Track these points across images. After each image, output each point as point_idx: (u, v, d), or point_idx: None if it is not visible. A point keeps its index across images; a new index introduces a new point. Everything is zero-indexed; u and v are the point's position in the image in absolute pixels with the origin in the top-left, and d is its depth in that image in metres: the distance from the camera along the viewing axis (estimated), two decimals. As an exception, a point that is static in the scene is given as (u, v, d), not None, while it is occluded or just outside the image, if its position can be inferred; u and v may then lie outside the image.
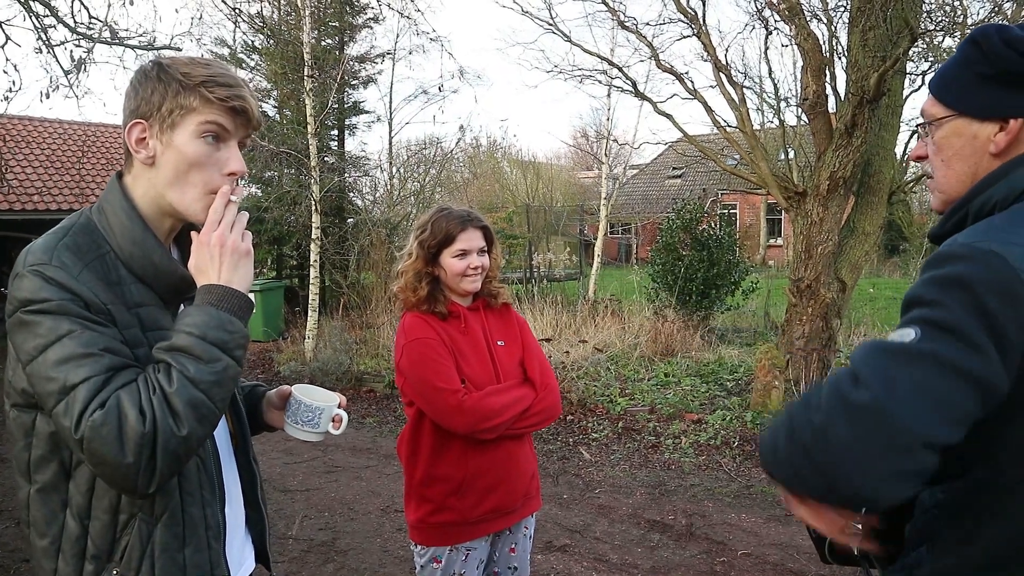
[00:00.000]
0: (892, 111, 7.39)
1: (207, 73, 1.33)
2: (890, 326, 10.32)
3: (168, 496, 1.30)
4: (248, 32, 14.27)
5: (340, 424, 1.63)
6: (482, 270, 2.39)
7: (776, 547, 4.39)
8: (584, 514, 4.98)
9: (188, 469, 1.32)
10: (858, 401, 1.05)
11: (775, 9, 7.53)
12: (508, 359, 2.41)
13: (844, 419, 1.05)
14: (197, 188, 1.34)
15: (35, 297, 1.20)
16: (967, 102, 1.24)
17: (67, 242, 1.28)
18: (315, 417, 1.59)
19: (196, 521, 1.34)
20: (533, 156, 32.41)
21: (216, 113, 1.33)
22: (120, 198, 1.35)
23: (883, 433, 1.03)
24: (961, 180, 1.26)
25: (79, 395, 1.16)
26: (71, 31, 6.25)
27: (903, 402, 1.03)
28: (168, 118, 1.32)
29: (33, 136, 15.39)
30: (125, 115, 1.36)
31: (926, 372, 1.04)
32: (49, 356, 1.19)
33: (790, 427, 1.13)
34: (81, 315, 1.21)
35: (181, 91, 1.32)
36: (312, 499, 5.37)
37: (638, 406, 7.26)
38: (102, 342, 1.21)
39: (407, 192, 16.55)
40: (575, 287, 15.50)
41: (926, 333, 1.07)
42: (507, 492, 2.35)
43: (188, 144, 1.33)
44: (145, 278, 1.33)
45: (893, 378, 1.05)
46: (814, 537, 1.35)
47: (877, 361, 1.08)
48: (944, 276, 1.09)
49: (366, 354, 9.99)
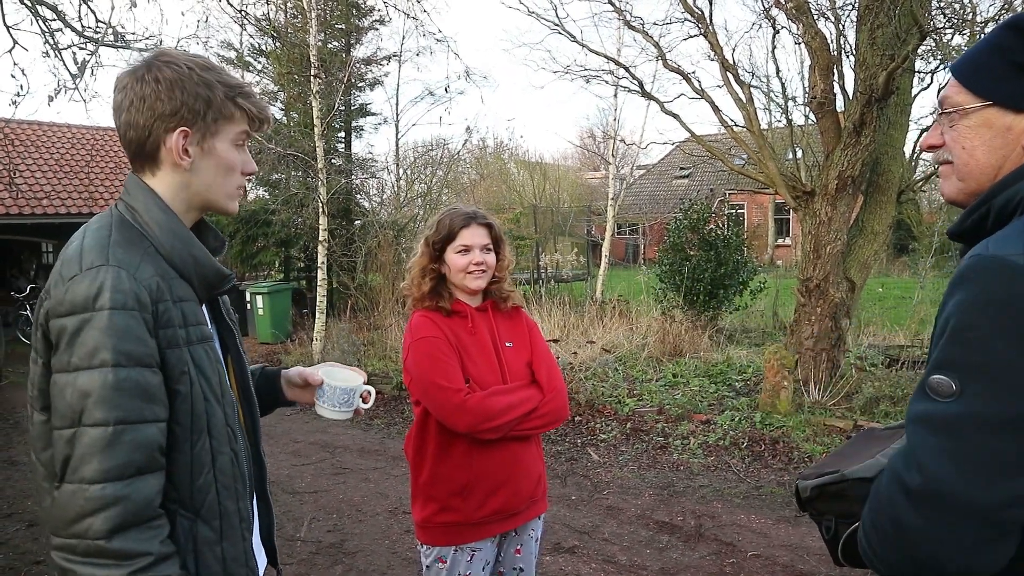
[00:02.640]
0: (901, 109, 7.34)
1: (236, 83, 1.40)
2: (899, 326, 10.26)
3: (206, 490, 1.32)
4: (255, 35, 14.32)
5: (370, 398, 1.79)
6: (487, 268, 2.38)
7: (786, 548, 4.36)
8: (592, 515, 4.96)
9: (223, 463, 1.35)
10: (914, 486, 1.03)
11: (782, 8, 7.49)
12: (516, 360, 2.40)
13: (909, 507, 1.03)
14: (230, 187, 1.44)
15: (88, 302, 1.21)
16: (1002, 91, 1.16)
17: (116, 238, 1.30)
18: (350, 398, 1.73)
19: (231, 514, 1.37)
20: (540, 157, 32.43)
21: (247, 123, 1.42)
22: (153, 196, 1.37)
23: (949, 513, 1.01)
24: (985, 172, 1.19)
25: (92, 492, 1.18)
26: (78, 35, 6.27)
27: (958, 476, 1.00)
28: (212, 126, 1.37)
29: (42, 140, 15.47)
30: (148, 115, 1.33)
31: (972, 437, 1.00)
32: (82, 381, 1.20)
33: (874, 520, 1.11)
34: (133, 336, 1.22)
35: (225, 101, 1.37)
36: (320, 501, 5.37)
37: (646, 407, 7.24)
38: (138, 394, 1.22)
39: (414, 194, 16.59)
40: (582, 288, 15.49)
41: (966, 385, 1.02)
42: (512, 494, 2.33)
43: (228, 152, 1.40)
44: (184, 272, 1.36)
45: (943, 451, 1.02)
46: (826, 539, 1.34)
47: (924, 438, 1.05)
48: (980, 300, 1.04)
49: (374, 356, 10.00)
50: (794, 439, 6.13)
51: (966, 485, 1.00)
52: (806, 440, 6.09)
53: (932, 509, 1.02)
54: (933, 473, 1.02)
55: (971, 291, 1.05)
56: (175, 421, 1.29)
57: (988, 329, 1.02)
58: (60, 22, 6.30)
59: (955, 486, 1.00)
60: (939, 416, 1.04)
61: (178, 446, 1.29)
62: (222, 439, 1.35)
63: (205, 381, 1.33)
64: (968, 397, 1.02)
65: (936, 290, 11.99)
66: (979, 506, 0.99)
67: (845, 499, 1.29)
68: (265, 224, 13.91)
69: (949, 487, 1.00)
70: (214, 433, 1.34)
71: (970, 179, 1.21)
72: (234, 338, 1.54)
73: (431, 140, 27.80)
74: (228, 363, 1.51)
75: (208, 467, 1.33)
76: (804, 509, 1.40)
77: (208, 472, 1.32)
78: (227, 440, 1.37)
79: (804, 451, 5.91)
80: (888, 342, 9.38)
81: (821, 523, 1.36)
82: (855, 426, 6.21)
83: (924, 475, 1.02)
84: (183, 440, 1.30)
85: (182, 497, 1.30)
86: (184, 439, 1.30)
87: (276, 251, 15.43)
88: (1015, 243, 1.05)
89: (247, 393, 1.55)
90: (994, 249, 1.06)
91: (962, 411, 1.02)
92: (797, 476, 1.70)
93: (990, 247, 1.07)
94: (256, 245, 14.97)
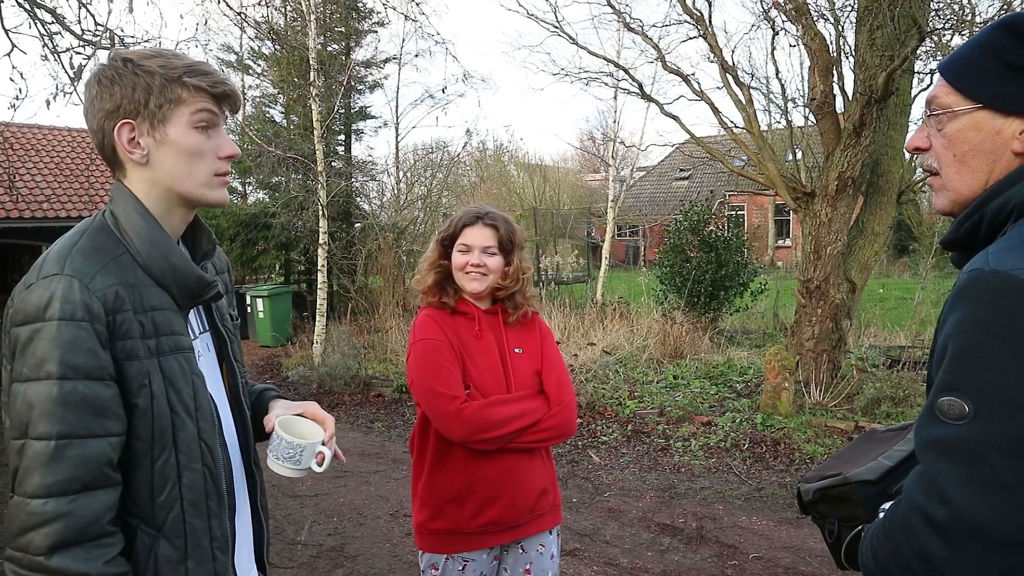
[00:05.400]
0: (900, 110, 7.34)
1: (184, 63, 1.32)
2: (900, 327, 10.26)
3: (168, 507, 1.28)
4: (254, 38, 14.33)
5: (323, 461, 1.55)
6: (486, 271, 2.28)
7: (788, 550, 4.35)
8: (594, 518, 4.95)
9: (192, 479, 1.30)
10: (941, 518, 1.00)
11: (781, 9, 7.50)
12: (524, 368, 2.30)
13: (937, 540, 1.00)
14: (201, 174, 1.35)
15: (39, 312, 1.19)
16: (993, 93, 1.12)
17: (82, 245, 1.27)
18: (296, 454, 1.51)
19: (199, 533, 1.31)
20: (540, 159, 32.35)
21: (205, 100, 1.33)
22: (132, 200, 1.33)
23: (979, 543, 0.98)
24: (976, 179, 1.15)
25: (34, 506, 1.16)
26: (77, 38, 6.27)
27: (985, 504, 0.97)
28: (158, 113, 1.30)
29: (42, 144, 15.46)
30: (99, 117, 1.31)
31: (991, 462, 0.98)
32: (30, 392, 1.17)
33: (894, 553, 1.07)
34: (82, 348, 1.18)
35: (166, 84, 1.30)
36: (321, 504, 5.36)
37: (647, 409, 7.23)
38: (85, 408, 1.18)
39: (414, 196, 16.57)
40: (583, 290, 15.48)
41: (980, 405, 1.00)
42: (508, 506, 2.23)
43: (184, 136, 1.32)
44: (162, 280, 1.31)
45: (966, 479, 0.99)
46: (829, 542, 1.33)
47: (943, 465, 1.02)
48: (983, 318, 1.01)
49: (374, 358, 10.00)
50: (795, 440, 6.12)
51: (994, 513, 0.97)
52: (807, 441, 6.08)
53: (962, 540, 0.99)
54: (960, 504, 0.99)
55: (974, 308, 1.03)
56: (134, 435, 1.24)
57: (995, 347, 0.99)
58: (59, 25, 6.29)
59: (984, 515, 0.97)
60: (955, 440, 1.01)
61: (138, 461, 1.25)
62: (192, 455, 1.30)
63: (175, 394, 1.28)
64: (983, 419, 0.99)
65: (937, 290, 11.99)
66: (1004, 531, 0.97)
67: (848, 502, 1.29)
68: (265, 227, 13.93)
69: (979, 517, 0.97)
70: (181, 448, 1.28)
71: (961, 188, 1.18)
72: (227, 347, 1.50)
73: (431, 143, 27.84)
74: (223, 372, 1.48)
75: (173, 483, 1.27)
76: (806, 512, 1.39)
77: (172, 488, 1.27)
78: (199, 456, 1.31)
79: (805, 452, 5.90)
80: (889, 343, 9.38)
81: (824, 526, 1.35)
82: (856, 427, 6.21)
83: (950, 506, 0.99)
84: (143, 455, 1.25)
85: (143, 512, 1.26)
86: (144, 454, 1.25)
87: (276, 254, 15.44)
88: (1016, 257, 1.03)
89: (239, 404, 1.51)
90: (994, 263, 1.03)
91: (980, 434, 0.99)
92: (799, 479, 1.70)
93: (990, 261, 1.04)
94: (256, 248, 14.97)
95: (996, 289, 1.01)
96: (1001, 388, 0.99)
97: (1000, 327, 1.00)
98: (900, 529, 1.06)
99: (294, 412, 1.60)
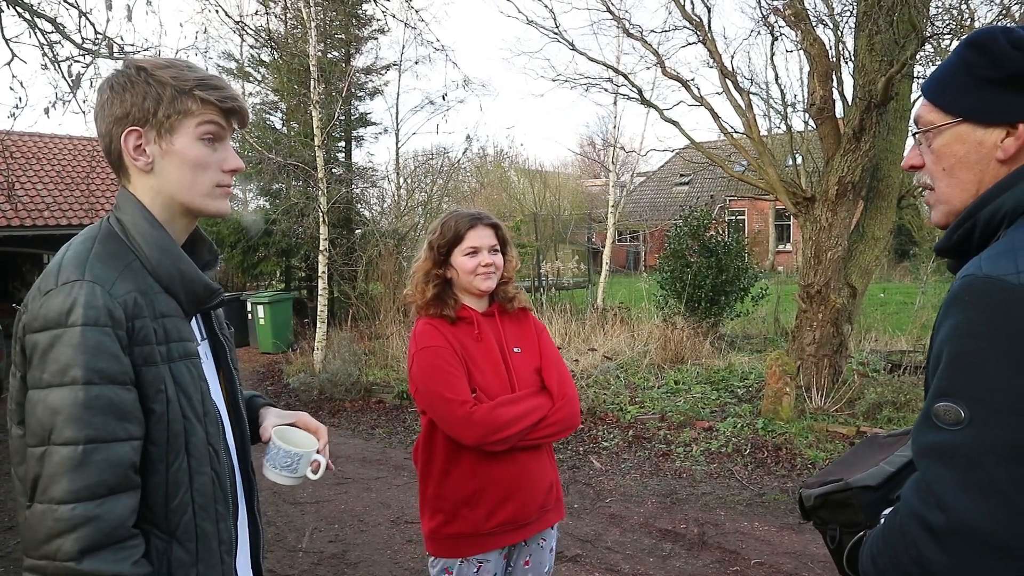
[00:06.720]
0: (900, 115, 7.35)
1: (197, 76, 1.34)
2: (901, 331, 10.25)
3: (182, 512, 1.29)
4: (255, 45, 14.37)
5: (318, 469, 1.61)
6: (496, 268, 2.34)
7: (790, 556, 4.34)
8: (595, 524, 4.94)
9: (202, 483, 1.31)
10: (938, 524, 1.01)
11: (780, 15, 7.51)
12: (524, 367, 2.34)
13: (935, 546, 1.02)
14: (203, 185, 1.37)
15: (60, 317, 1.19)
16: (970, 107, 1.18)
17: (98, 251, 1.27)
18: (293, 463, 1.57)
19: (209, 536, 1.33)
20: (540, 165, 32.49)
21: (213, 114, 1.35)
22: (139, 207, 1.34)
23: (976, 549, 0.99)
24: (966, 189, 1.19)
25: (62, 512, 1.15)
26: (77, 47, 6.28)
27: (982, 510, 0.98)
28: (166, 123, 1.32)
29: (42, 152, 15.49)
30: (108, 122, 1.33)
31: (987, 468, 0.99)
32: (52, 398, 1.17)
33: (892, 559, 1.08)
34: (105, 353, 1.19)
35: (177, 95, 1.31)
36: (322, 511, 5.35)
37: (648, 414, 7.22)
38: (110, 412, 1.19)
39: (414, 202, 16.58)
40: (583, 295, 15.47)
41: (974, 413, 1.01)
42: (521, 504, 2.28)
43: (190, 148, 1.34)
44: (171, 287, 1.32)
45: (963, 485, 1.00)
46: (831, 548, 1.33)
47: (940, 472, 1.03)
48: (977, 323, 1.02)
49: (375, 365, 9.99)
50: (797, 445, 6.11)
51: (991, 519, 0.98)
52: (809, 446, 6.07)
53: (959, 546, 1.00)
54: (957, 510, 1.00)
55: (967, 314, 1.05)
56: (150, 440, 1.26)
57: (989, 353, 1.01)
58: (59, 34, 6.31)
59: (980, 521, 0.98)
60: (951, 446, 1.02)
61: (153, 466, 1.26)
62: (202, 459, 1.32)
63: (186, 399, 1.30)
64: (978, 424, 1.01)
65: (938, 295, 11.98)
66: (1002, 537, 0.98)
67: (849, 508, 1.29)
68: (266, 234, 13.94)
69: (975, 523, 0.98)
70: (193, 453, 1.30)
71: (953, 199, 1.22)
72: (226, 354, 1.51)
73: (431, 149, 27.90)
74: (220, 379, 1.49)
75: (185, 487, 1.29)
76: (808, 518, 1.39)
77: (185, 492, 1.29)
78: (207, 460, 1.33)
79: (807, 457, 5.89)
80: (890, 347, 9.38)
81: (825, 532, 1.35)
82: (858, 432, 6.19)
83: (947, 512, 1.00)
84: (158, 460, 1.26)
85: (156, 518, 1.27)
86: (159, 459, 1.27)
87: (277, 261, 15.44)
88: (1007, 262, 1.04)
89: (236, 411, 1.52)
90: (987, 269, 1.05)
91: (975, 440, 1.00)
92: (801, 484, 1.69)
93: (983, 267, 1.06)
94: (257, 255, 14.99)
95: (989, 294, 1.03)
96: (995, 393, 1.00)
97: (994, 332, 1.01)
98: (898, 535, 1.07)
99: (287, 422, 1.64)
